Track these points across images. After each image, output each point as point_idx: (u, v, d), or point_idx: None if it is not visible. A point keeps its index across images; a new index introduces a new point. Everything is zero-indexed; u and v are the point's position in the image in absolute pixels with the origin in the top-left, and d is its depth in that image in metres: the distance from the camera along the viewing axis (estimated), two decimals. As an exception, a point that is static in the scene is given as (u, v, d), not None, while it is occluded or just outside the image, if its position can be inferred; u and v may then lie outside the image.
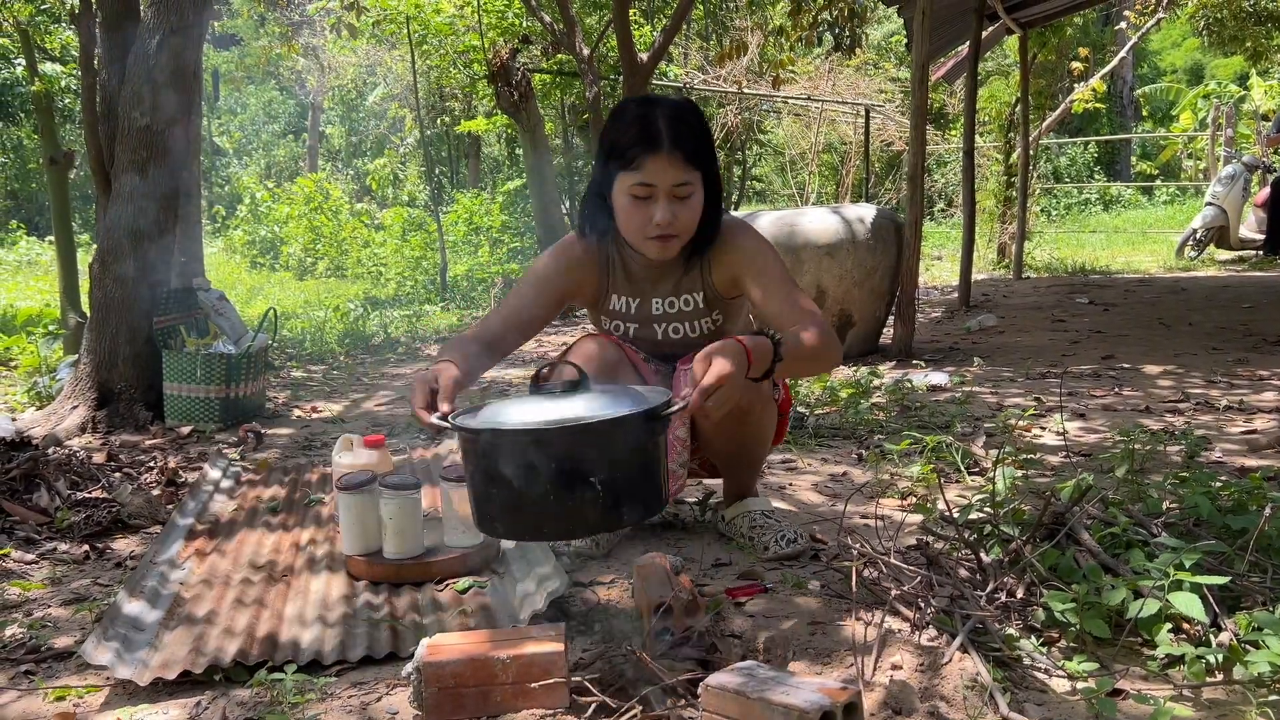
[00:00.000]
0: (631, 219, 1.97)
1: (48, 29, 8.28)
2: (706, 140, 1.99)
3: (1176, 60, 25.27)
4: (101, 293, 3.85)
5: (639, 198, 1.94)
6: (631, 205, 1.96)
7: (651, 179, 1.92)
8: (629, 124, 1.94)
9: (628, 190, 1.95)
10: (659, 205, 1.94)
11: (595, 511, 1.55)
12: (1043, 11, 8.57)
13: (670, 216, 1.95)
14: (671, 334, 2.18)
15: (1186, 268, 9.87)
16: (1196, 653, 1.56)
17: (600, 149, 2.02)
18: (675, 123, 1.92)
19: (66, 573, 2.31)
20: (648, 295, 2.15)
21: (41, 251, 14.17)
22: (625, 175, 1.94)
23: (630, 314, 2.18)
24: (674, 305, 2.16)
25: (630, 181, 1.93)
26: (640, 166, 1.91)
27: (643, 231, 1.98)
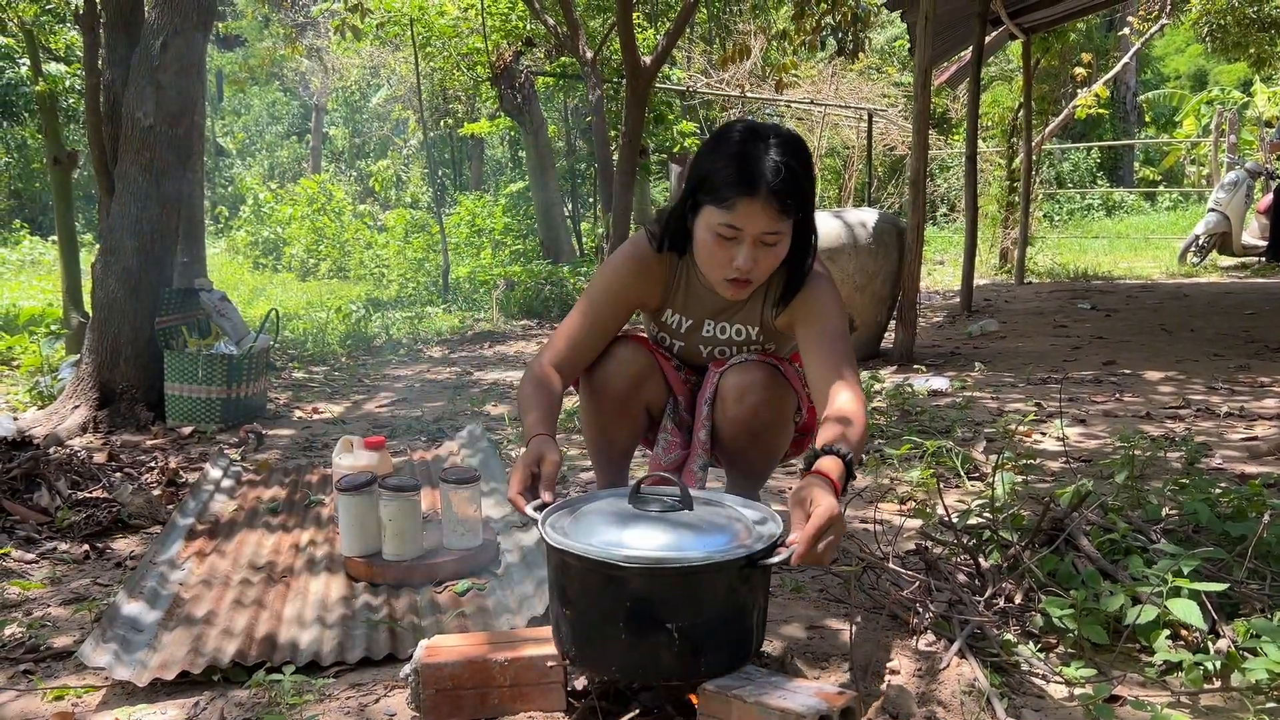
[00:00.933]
0: (712, 256, 1.86)
1: (52, 29, 8.31)
2: (808, 185, 1.83)
3: (1180, 66, 25.25)
4: (104, 293, 3.86)
5: (724, 237, 1.82)
6: (714, 242, 1.83)
7: (741, 224, 1.78)
8: (729, 158, 1.79)
9: (713, 227, 1.82)
10: (743, 250, 1.81)
11: (670, 657, 1.42)
12: (1046, 17, 8.57)
13: (751, 264, 1.82)
14: (716, 355, 2.14)
15: (1189, 274, 9.86)
16: (1194, 659, 1.56)
17: (694, 170, 1.87)
18: (779, 168, 1.76)
19: (66, 572, 2.31)
20: (702, 318, 2.10)
21: (45, 251, 14.19)
22: (714, 210, 1.81)
23: (680, 332, 2.12)
24: (725, 332, 2.10)
25: (718, 219, 1.80)
26: (732, 208, 1.78)
27: (721, 271, 1.87)
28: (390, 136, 20.11)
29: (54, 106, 5.91)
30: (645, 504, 1.55)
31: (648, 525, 1.48)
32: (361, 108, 20.33)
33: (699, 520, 1.51)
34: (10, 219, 18.84)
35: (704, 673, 1.44)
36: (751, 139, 1.80)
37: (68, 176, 5.86)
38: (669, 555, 1.41)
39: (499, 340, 6.68)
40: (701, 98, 12.99)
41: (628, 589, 1.41)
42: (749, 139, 1.80)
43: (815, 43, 7.79)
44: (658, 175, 13.66)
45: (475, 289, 9.46)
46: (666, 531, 1.47)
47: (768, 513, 1.60)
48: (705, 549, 1.43)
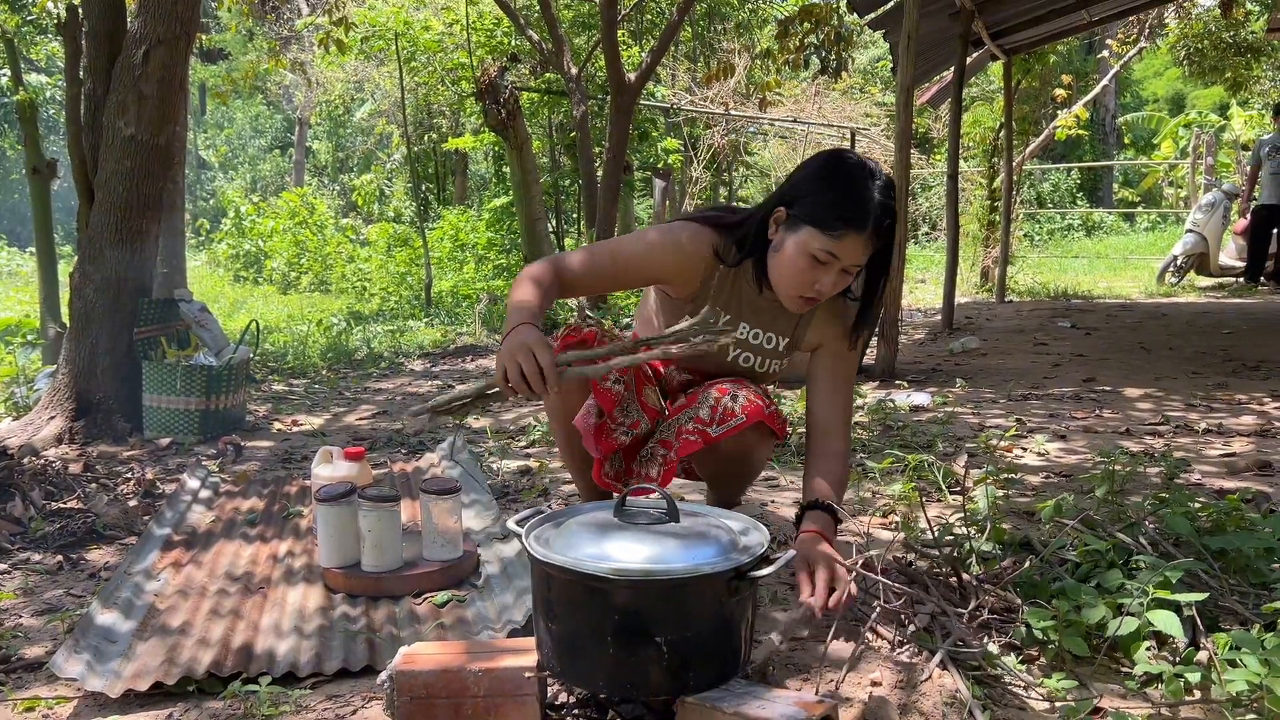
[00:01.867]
0: (799, 274, 1.91)
1: (33, 39, 8.28)
2: (895, 222, 1.91)
3: (1158, 89, 25.59)
4: (82, 302, 3.83)
5: (819, 261, 1.87)
6: (805, 262, 1.89)
7: (841, 254, 1.86)
8: (845, 190, 1.86)
9: (811, 249, 1.87)
10: (830, 275, 1.89)
11: (659, 672, 1.41)
12: (1027, 39, 8.68)
13: (831, 289, 1.91)
14: (741, 361, 2.15)
15: (1167, 293, 9.95)
16: (1175, 671, 1.57)
17: (800, 192, 1.92)
18: (885, 208, 1.85)
19: (39, 583, 2.28)
20: (738, 319, 2.11)
21: (23, 262, 14.08)
22: (816, 235, 1.86)
23: None
24: (758, 337, 2.13)
25: (819, 244, 1.86)
26: (840, 238, 1.84)
27: (800, 289, 1.92)
28: (374, 151, 20.08)
29: (34, 116, 5.87)
30: (630, 516, 1.54)
31: (633, 537, 1.47)
32: (345, 122, 20.29)
33: (685, 531, 1.49)
34: (-12, 230, 18.70)
35: (693, 687, 1.42)
36: (867, 175, 1.87)
37: (47, 186, 5.82)
38: (656, 567, 1.40)
39: (481, 354, 6.66)
40: (685, 115, 13.05)
41: (614, 602, 1.39)
42: (862, 175, 1.87)
43: (799, 62, 7.85)
44: (642, 192, 13.69)
45: (458, 303, 9.43)
46: (652, 543, 1.45)
47: (751, 523, 1.60)
48: (692, 560, 1.41)
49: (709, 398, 2.07)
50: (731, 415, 2.03)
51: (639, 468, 2.16)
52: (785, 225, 1.93)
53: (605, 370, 1.78)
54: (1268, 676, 1.47)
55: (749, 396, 2.04)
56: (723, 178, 15.30)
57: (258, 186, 22.30)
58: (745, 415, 2.02)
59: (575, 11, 11.62)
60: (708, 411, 2.05)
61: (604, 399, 2.05)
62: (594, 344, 2.05)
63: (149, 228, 3.91)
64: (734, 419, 2.02)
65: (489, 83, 9.32)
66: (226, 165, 24.33)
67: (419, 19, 11.24)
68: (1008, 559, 2.11)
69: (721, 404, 2.04)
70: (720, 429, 2.03)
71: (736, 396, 2.04)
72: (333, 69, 16.33)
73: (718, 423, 2.03)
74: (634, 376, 2.14)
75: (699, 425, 2.05)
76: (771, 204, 1.98)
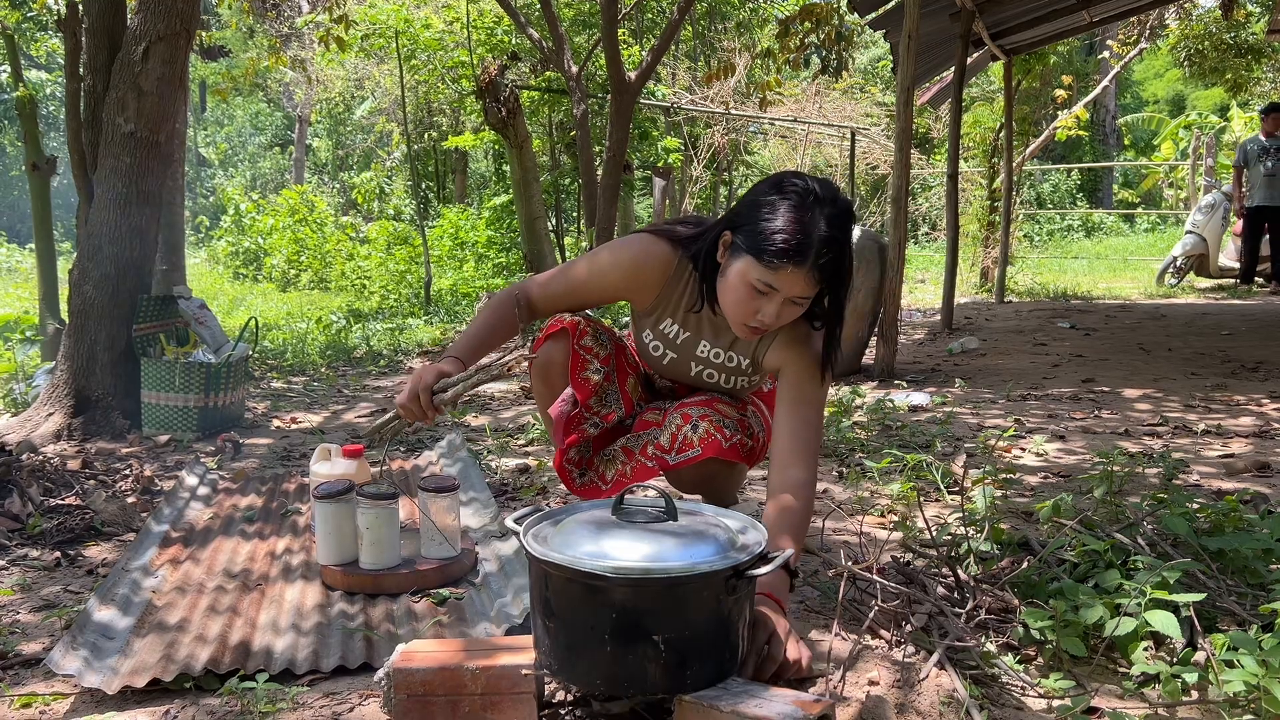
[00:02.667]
0: (741, 304, 1.82)
1: (34, 36, 8.27)
2: (848, 261, 1.81)
3: (1159, 91, 25.61)
4: (81, 299, 3.82)
5: (758, 291, 1.79)
6: (746, 292, 1.80)
7: (779, 286, 1.76)
8: (783, 221, 1.74)
9: (750, 279, 1.78)
10: (772, 305, 1.79)
11: (657, 670, 1.40)
12: (1027, 39, 8.68)
13: (774, 320, 1.82)
14: (706, 378, 2.12)
15: (1167, 294, 9.96)
16: (1172, 671, 1.57)
17: (743, 214, 1.83)
18: (829, 242, 1.74)
19: (37, 579, 2.27)
20: (699, 336, 2.07)
21: (22, 259, 14.07)
22: (755, 265, 1.77)
23: (675, 343, 2.09)
24: (719, 356, 2.08)
25: (757, 275, 1.77)
26: (776, 270, 1.75)
27: (742, 317, 1.84)
28: (374, 149, 20.08)
29: (34, 113, 5.87)
30: (628, 514, 1.54)
31: (631, 535, 1.46)
32: (345, 120, 20.28)
33: (683, 530, 1.49)
34: (-12, 226, 18.69)
35: (690, 685, 1.42)
36: (808, 204, 1.76)
37: (46, 182, 5.82)
38: (655, 565, 1.39)
39: (480, 352, 6.65)
40: (686, 114, 13.05)
41: (612, 600, 1.39)
42: (805, 204, 1.76)
43: (799, 61, 7.84)
44: (642, 191, 13.69)
45: (457, 301, 9.43)
46: (650, 541, 1.45)
47: (749, 522, 1.60)
48: (690, 559, 1.41)
49: (672, 423, 2.07)
50: (689, 445, 2.03)
51: (599, 464, 2.18)
52: (730, 250, 1.85)
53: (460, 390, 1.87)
54: (1265, 677, 1.47)
55: (709, 428, 2.02)
56: (723, 177, 15.31)
57: (257, 184, 22.29)
58: (701, 448, 2.02)
59: (576, 10, 11.62)
60: (668, 438, 2.06)
61: (580, 388, 2.07)
62: (574, 333, 2.10)
63: (148, 224, 3.90)
64: (690, 450, 2.02)
65: (489, 81, 9.33)
66: (226, 162, 24.32)
67: (419, 17, 11.23)
68: (1006, 559, 2.11)
69: (682, 432, 2.04)
70: (678, 458, 2.04)
71: (697, 426, 2.03)
72: (333, 67, 16.34)
73: (675, 450, 2.05)
74: (616, 365, 2.15)
75: (658, 451, 2.07)
76: (721, 225, 1.90)
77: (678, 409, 2.09)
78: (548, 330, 2.09)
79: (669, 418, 2.09)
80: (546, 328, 2.08)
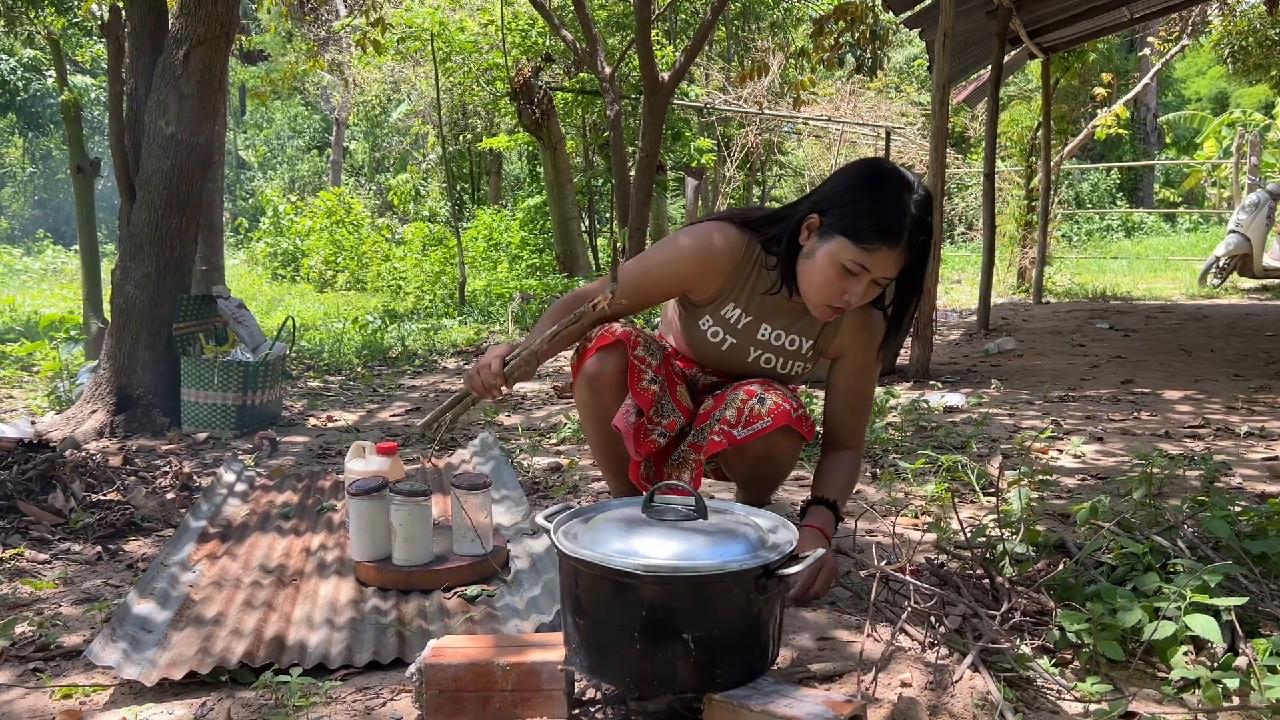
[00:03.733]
0: (828, 284, 1.89)
1: (79, 41, 8.42)
2: (931, 239, 1.89)
3: (1201, 88, 25.19)
4: (122, 298, 3.89)
5: (849, 272, 1.85)
6: (835, 272, 1.86)
7: (872, 267, 1.84)
8: (881, 203, 1.83)
9: (842, 260, 1.85)
10: (859, 286, 1.86)
11: (687, 669, 1.40)
12: (1066, 37, 8.57)
13: (861, 300, 1.89)
14: (763, 363, 2.13)
15: (1209, 295, 9.79)
16: (1212, 676, 1.54)
17: (835, 201, 1.89)
18: (920, 223, 1.83)
19: (78, 573, 2.32)
20: (761, 319, 2.10)
21: (68, 260, 14.34)
22: (848, 246, 1.84)
23: (737, 328, 2.11)
24: (779, 339, 2.11)
25: (851, 256, 1.84)
26: (872, 252, 1.82)
27: (829, 298, 1.91)
28: (410, 151, 20.23)
29: (78, 116, 5.98)
30: (659, 512, 1.54)
31: (661, 533, 1.46)
32: (382, 122, 20.46)
33: (713, 529, 1.49)
34: (34, 228, 19.07)
35: (720, 684, 1.41)
36: (900, 188, 1.84)
37: (90, 184, 5.92)
38: (684, 563, 1.39)
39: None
40: (719, 114, 13.02)
41: (642, 598, 1.39)
42: (897, 188, 1.84)
43: (833, 60, 7.80)
44: (675, 191, 13.69)
45: (491, 302, 9.48)
46: (680, 540, 1.44)
47: (780, 520, 1.59)
48: (721, 557, 1.41)
49: (736, 398, 2.06)
50: (758, 418, 2.02)
51: (670, 471, 2.16)
52: (818, 233, 1.90)
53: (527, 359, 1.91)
54: (1308, 683, 1.44)
55: (776, 399, 2.03)
56: (756, 177, 15.26)
57: (295, 186, 22.55)
58: (771, 418, 2.01)
59: (610, 11, 11.64)
60: (734, 413, 2.04)
61: (641, 399, 2.05)
62: (627, 343, 2.07)
63: (188, 225, 3.96)
64: (760, 421, 2.01)
65: (523, 83, 9.38)
66: (265, 165, 24.63)
67: (455, 20, 11.31)
68: (1041, 561, 2.08)
69: (748, 406, 2.03)
70: (746, 431, 2.02)
71: (764, 398, 2.03)
72: (370, 70, 16.49)
73: (743, 424, 2.03)
74: (667, 376, 2.14)
75: (724, 426, 2.04)
76: (805, 209, 1.95)
77: (738, 388, 2.09)
78: (599, 342, 2.06)
79: (730, 395, 2.08)
80: (597, 339, 2.06)
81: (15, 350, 5.47)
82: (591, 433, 2.20)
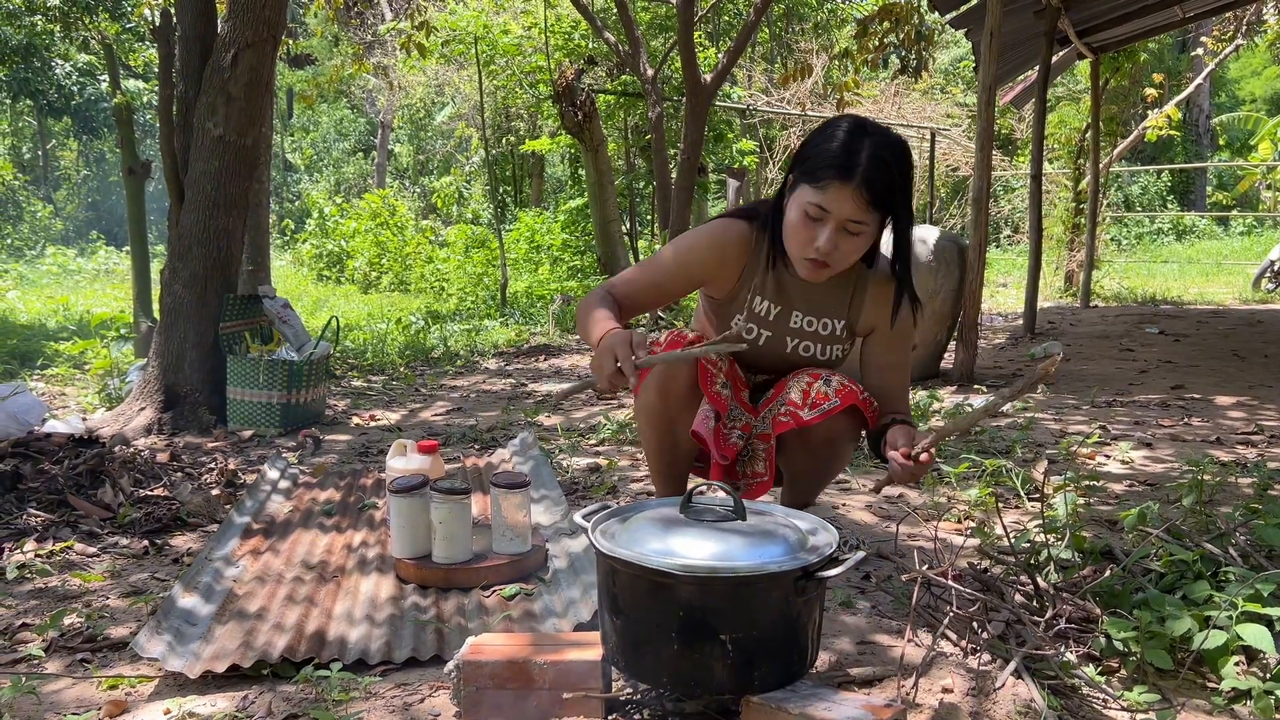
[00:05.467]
0: (796, 233, 1.92)
1: (131, 47, 8.59)
2: (902, 187, 1.89)
3: (1256, 89, 24.63)
4: (171, 298, 3.96)
5: (811, 217, 1.88)
6: (800, 220, 1.90)
7: (829, 206, 1.85)
8: (831, 144, 1.87)
9: (803, 204, 1.89)
10: (826, 230, 1.88)
11: (724, 670, 1.39)
12: (1116, 36, 8.42)
13: (831, 246, 1.88)
14: (802, 352, 2.13)
15: (1263, 300, 9.57)
16: (1264, 687, 1.50)
17: (798, 152, 1.95)
18: (876, 161, 1.83)
19: (126, 566, 2.36)
20: (791, 307, 2.10)
21: (119, 261, 14.62)
22: (807, 189, 1.88)
23: (769, 320, 2.11)
24: (812, 324, 2.11)
25: (808, 198, 1.88)
26: (825, 189, 1.85)
27: (801, 249, 1.93)
28: (454, 153, 20.40)
29: (130, 119, 6.09)
30: (697, 513, 1.53)
31: (699, 534, 1.45)
32: (426, 125, 20.64)
33: (751, 530, 1.48)
34: (88, 230, 19.49)
35: (758, 686, 1.40)
36: (858, 131, 1.88)
37: (141, 186, 6.04)
38: (722, 564, 1.38)
39: (554, 354, 6.71)
40: (761, 116, 12.97)
41: (679, 598, 1.38)
42: (855, 130, 1.88)
43: (877, 61, 7.73)
44: (716, 194, 13.66)
45: (532, 303, 9.52)
46: (719, 540, 1.44)
47: (819, 523, 1.58)
48: (759, 558, 1.40)
49: (800, 382, 2.05)
50: (824, 399, 2.00)
51: (742, 469, 2.14)
52: (789, 190, 1.95)
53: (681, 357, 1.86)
54: (1366, 696, 1.40)
55: (842, 380, 2.03)
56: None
57: (341, 188, 22.82)
58: (840, 399, 1.99)
59: (652, 14, 11.65)
60: (799, 394, 2.03)
61: (717, 402, 2.03)
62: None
63: (235, 226, 4.02)
64: (827, 402, 2.00)
65: (566, 85, 9.40)
66: (311, 168, 24.96)
67: (498, 23, 11.38)
68: (1087, 567, 2.04)
69: (814, 388, 2.02)
70: (813, 412, 2.00)
71: (829, 380, 2.02)
72: (414, 73, 16.63)
73: (810, 406, 2.01)
74: (733, 380, 2.12)
75: (791, 408, 2.03)
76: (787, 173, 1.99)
77: (799, 374, 2.08)
78: (669, 347, 2.01)
79: (792, 381, 2.07)
80: (666, 344, 2.03)
81: (68, 348, 5.59)
82: (653, 437, 2.16)
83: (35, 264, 14.84)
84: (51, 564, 2.33)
